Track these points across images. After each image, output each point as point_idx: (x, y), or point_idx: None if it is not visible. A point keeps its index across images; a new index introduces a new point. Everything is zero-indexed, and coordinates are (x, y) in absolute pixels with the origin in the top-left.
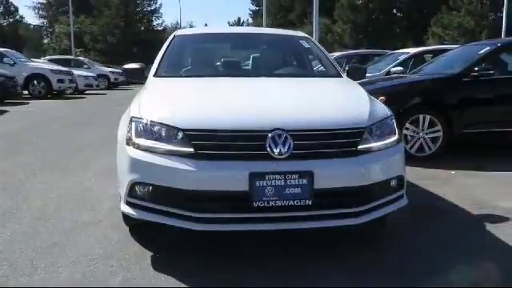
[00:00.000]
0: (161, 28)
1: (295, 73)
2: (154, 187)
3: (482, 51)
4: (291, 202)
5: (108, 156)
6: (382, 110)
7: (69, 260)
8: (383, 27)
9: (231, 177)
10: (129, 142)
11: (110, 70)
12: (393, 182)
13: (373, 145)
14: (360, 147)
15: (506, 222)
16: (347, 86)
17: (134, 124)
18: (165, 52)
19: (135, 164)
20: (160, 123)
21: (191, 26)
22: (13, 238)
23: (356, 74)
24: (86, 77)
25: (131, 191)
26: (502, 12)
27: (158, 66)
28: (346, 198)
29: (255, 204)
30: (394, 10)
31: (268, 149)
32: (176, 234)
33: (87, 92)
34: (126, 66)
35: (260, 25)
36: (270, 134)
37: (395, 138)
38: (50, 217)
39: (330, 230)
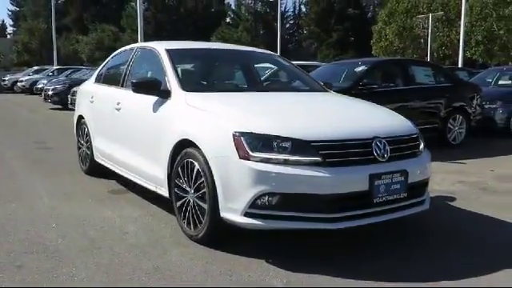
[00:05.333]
0: None
1: (308, 88)
2: (285, 195)
3: (360, 69)
4: (394, 196)
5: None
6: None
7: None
8: (171, 39)
9: (357, 179)
10: (242, 155)
11: None
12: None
13: (421, 147)
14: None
15: (457, 201)
16: (362, 101)
17: (243, 139)
18: (173, 65)
19: (263, 176)
20: (279, 136)
21: None
22: (104, 269)
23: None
24: None
25: (254, 203)
26: (269, 29)
27: (179, 79)
28: (418, 189)
29: (374, 200)
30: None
31: (375, 153)
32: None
33: None
34: (136, 80)
35: (31, 27)
36: (373, 142)
37: (423, 142)
38: (98, 245)
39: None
